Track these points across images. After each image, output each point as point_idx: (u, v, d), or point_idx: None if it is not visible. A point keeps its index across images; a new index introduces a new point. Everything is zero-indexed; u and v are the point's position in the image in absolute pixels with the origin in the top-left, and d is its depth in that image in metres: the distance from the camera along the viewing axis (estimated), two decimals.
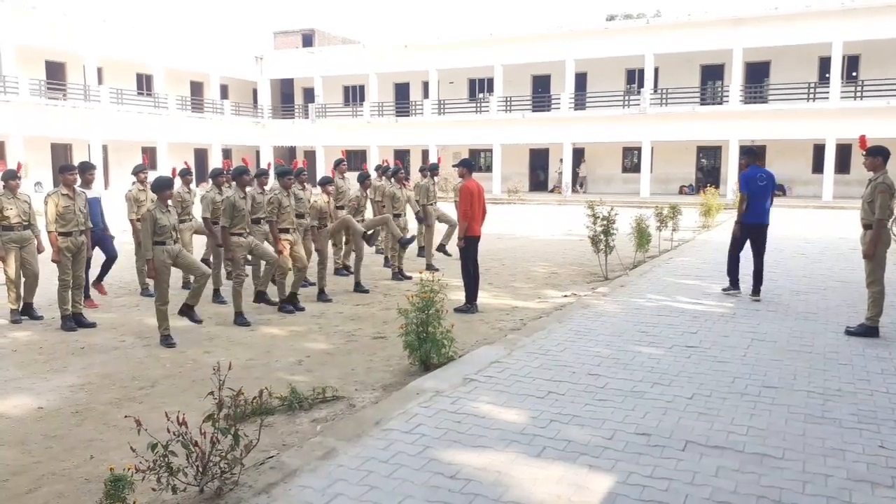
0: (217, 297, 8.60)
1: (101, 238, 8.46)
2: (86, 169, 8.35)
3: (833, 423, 4.24)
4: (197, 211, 9.31)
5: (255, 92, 40.72)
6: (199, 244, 9.98)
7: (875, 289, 6.43)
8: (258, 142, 38.55)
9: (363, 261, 9.36)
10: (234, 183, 7.69)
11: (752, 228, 8.09)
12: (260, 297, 7.93)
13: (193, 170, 9.93)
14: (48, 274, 7.91)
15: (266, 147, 38.54)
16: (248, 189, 7.66)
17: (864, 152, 6.58)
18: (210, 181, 9.21)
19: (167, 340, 6.52)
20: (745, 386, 4.96)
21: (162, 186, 6.73)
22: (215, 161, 34.26)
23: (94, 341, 6.69)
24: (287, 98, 42.23)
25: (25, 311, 7.65)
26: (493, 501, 3.28)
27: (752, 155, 8.43)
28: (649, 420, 4.29)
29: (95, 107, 29.70)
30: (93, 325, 7.33)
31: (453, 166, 8.38)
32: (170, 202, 6.81)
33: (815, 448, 3.87)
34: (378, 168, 12.36)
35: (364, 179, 9.34)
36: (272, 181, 9.04)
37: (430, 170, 11.84)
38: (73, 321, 7.26)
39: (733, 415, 4.39)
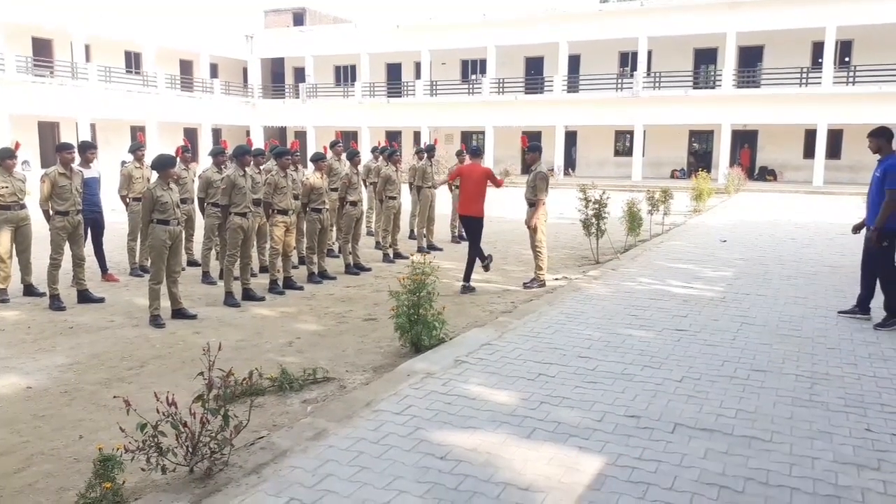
0: (206, 278, 8.56)
1: (97, 219, 8.41)
2: (86, 148, 8.32)
3: (820, 407, 4.28)
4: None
5: (245, 71, 40.32)
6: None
7: (537, 250, 8.17)
8: (248, 122, 38.24)
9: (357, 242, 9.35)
10: (231, 163, 7.64)
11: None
12: (246, 293, 7.68)
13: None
14: (40, 254, 7.84)
15: (256, 127, 38.25)
16: (247, 169, 7.61)
17: (525, 149, 8.37)
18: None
19: (156, 321, 6.49)
20: (734, 369, 4.99)
21: (164, 164, 6.66)
22: (205, 141, 34.00)
23: (82, 321, 6.65)
24: (278, 78, 41.85)
25: (27, 292, 7.63)
26: (484, 482, 3.29)
27: (889, 137, 6.30)
28: (639, 402, 4.32)
29: (83, 85, 29.33)
30: (101, 300, 7.40)
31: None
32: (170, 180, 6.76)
33: (802, 431, 3.91)
34: (374, 150, 12.35)
35: (353, 157, 9.28)
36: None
37: (427, 151, 11.79)
38: (80, 298, 7.35)
39: (722, 398, 4.41)
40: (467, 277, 8.16)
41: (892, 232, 6.08)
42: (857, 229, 6.74)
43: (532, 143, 8.43)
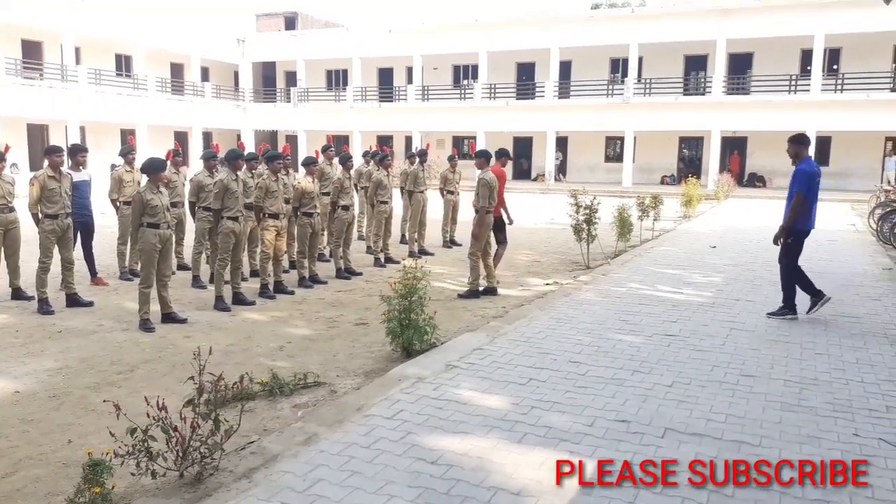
0: (196, 282, 8.52)
1: (87, 222, 8.35)
2: (77, 151, 8.28)
3: (809, 412, 4.31)
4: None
5: (236, 75, 40.19)
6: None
7: (472, 260, 7.93)
8: (239, 125, 38.10)
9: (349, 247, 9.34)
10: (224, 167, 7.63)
11: (805, 235, 6.95)
12: (237, 297, 7.68)
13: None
14: (29, 257, 7.79)
15: (247, 131, 38.11)
16: (239, 173, 7.60)
17: (475, 153, 8.35)
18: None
19: (146, 325, 6.46)
20: (723, 374, 5.02)
21: (155, 168, 6.65)
22: (196, 144, 33.87)
23: (71, 325, 6.60)
24: (269, 81, 41.75)
25: (15, 295, 7.56)
26: (475, 487, 3.30)
27: (805, 143, 6.96)
28: (629, 407, 4.33)
29: (73, 87, 29.14)
30: (90, 304, 7.36)
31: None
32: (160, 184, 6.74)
33: (791, 436, 3.93)
34: (366, 154, 12.38)
35: (346, 161, 9.28)
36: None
37: (420, 156, 11.80)
38: (69, 302, 7.30)
39: (712, 402, 4.44)
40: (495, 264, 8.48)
41: (796, 231, 6.80)
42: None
43: (479, 150, 8.44)
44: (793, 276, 6.85)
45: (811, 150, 7.11)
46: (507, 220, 8.88)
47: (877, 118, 26.61)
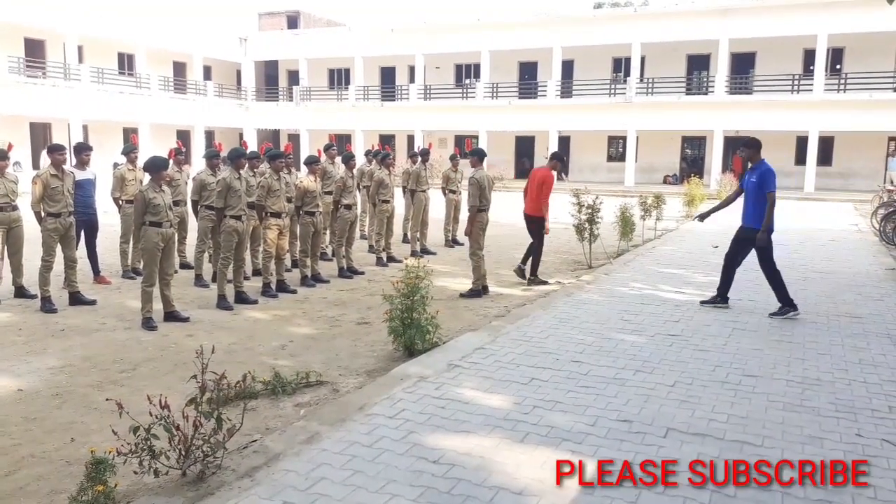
0: (199, 281, 8.53)
1: (91, 221, 8.36)
2: (81, 149, 8.28)
3: (811, 412, 4.31)
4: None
5: (238, 74, 40.23)
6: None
7: (474, 260, 7.98)
8: (241, 124, 38.13)
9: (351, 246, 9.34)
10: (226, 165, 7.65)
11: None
12: (239, 296, 7.72)
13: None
14: (31, 255, 7.80)
15: (249, 129, 38.14)
16: (241, 172, 7.62)
17: (469, 152, 8.47)
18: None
19: (149, 323, 6.47)
20: (725, 374, 5.01)
21: (157, 167, 6.65)
22: (198, 143, 33.89)
23: (74, 323, 6.62)
24: (271, 80, 41.79)
25: (19, 293, 7.57)
26: (477, 486, 3.30)
27: (759, 147, 7.21)
28: (631, 407, 4.33)
29: (75, 86, 29.19)
30: (93, 303, 7.37)
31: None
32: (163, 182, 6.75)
33: (793, 436, 3.93)
34: (368, 153, 12.38)
35: (349, 160, 9.29)
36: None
37: (422, 155, 11.80)
38: (72, 300, 7.31)
39: (714, 403, 4.44)
40: (534, 271, 8.69)
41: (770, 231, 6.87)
42: (702, 217, 7.66)
43: (474, 148, 8.52)
44: (777, 273, 6.88)
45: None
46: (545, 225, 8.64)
47: (880, 118, 26.57)
